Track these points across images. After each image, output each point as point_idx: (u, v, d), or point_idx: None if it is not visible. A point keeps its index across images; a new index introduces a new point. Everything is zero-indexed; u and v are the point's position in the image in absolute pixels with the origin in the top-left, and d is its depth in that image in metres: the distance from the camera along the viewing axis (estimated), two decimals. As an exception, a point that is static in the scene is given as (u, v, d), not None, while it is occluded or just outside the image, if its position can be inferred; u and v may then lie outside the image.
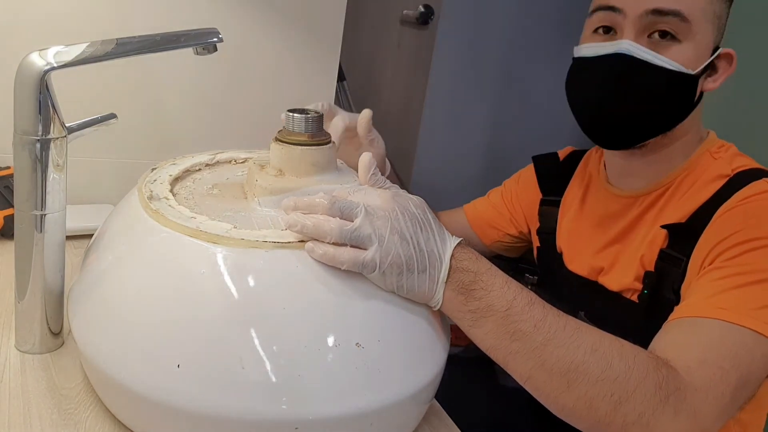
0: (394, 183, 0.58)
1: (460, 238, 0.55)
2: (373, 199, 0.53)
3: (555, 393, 0.53)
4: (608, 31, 0.73)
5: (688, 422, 0.53)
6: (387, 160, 0.89)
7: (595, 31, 0.75)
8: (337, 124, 0.80)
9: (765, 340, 0.59)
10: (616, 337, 0.55)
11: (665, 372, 0.54)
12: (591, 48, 0.74)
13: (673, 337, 0.61)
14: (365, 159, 0.56)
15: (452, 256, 0.53)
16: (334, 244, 0.50)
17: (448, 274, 0.52)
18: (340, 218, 0.51)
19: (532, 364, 0.52)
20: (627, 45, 0.70)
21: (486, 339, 0.53)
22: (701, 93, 0.74)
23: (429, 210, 0.55)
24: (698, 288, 0.65)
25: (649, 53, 0.70)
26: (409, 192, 0.56)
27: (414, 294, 0.52)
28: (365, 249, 0.50)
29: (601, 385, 0.52)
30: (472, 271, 0.53)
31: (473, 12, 2.10)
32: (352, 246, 0.50)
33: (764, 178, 0.70)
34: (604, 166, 0.86)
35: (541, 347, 0.52)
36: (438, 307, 0.54)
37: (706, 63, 0.72)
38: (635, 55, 0.70)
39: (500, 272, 0.54)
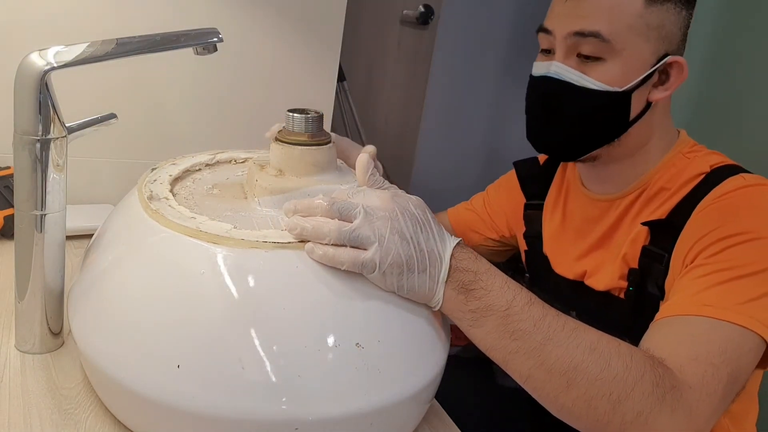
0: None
1: (459, 238, 0.55)
2: (373, 200, 0.53)
3: (554, 392, 0.53)
4: (549, 52, 0.76)
5: (684, 420, 0.54)
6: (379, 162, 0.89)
7: (541, 51, 0.78)
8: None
9: (751, 334, 0.59)
10: (612, 336, 0.55)
11: (661, 371, 0.54)
12: (535, 67, 0.77)
13: (662, 336, 0.61)
14: (363, 160, 0.56)
15: (452, 255, 0.53)
16: (333, 245, 0.50)
17: (449, 273, 0.53)
18: (339, 219, 0.51)
19: (531, 364, 0.53)
20: (555, 67, 0.73)
21: (486, 339, 0.53)
22: (649, 103, 0.74)
23: (428, 210, 0.55)
24: (682, 286, 0.65)
25: (574, 74, 0.72)
26: (408, 192, 0.56)
27: (414, 294, 0.52)
28: (365, 249, 0.50)
29: (600, 385, 0.52)
30: (472, 271, 0.53)
31: (473, 12, 2.11)
32: (351, 247, 0.50)
33: (740, 174, 0.71)
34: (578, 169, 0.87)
35: (541, 346, 0.52)
36: (438, 307, 0.54)
37: (643, 76, 0.72)
38: (560, 77, 0.73)
39: (500, 272, 0.55)
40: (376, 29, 2.00)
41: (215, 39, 0.64)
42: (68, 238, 0.61)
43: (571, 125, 0.75)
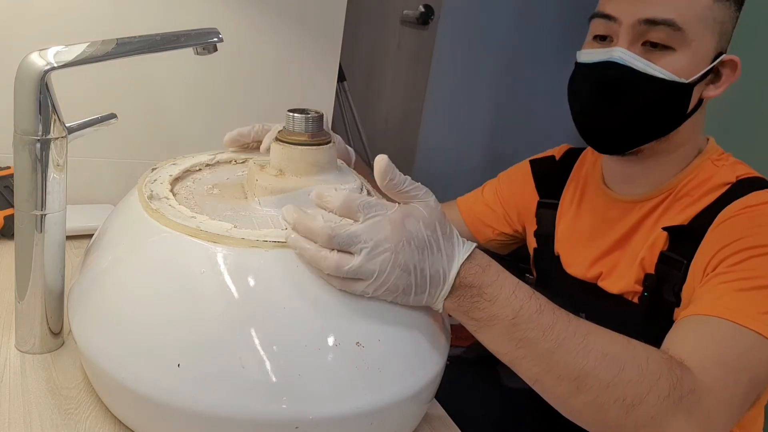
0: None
1: (472, 248, 0.53)
2: (379, 230, 0.49)
3: (564, 396, 0.53)
4: (603, 39, 0.74)
5: (701, 424, 0.53)
6: (347, 147, 0.86)
7: (594, 38, 0.75)
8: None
9: None
10: (628, 338, 0.55)
11: (679, 373, 0.54)
12: (588, 54, 0.75)
13: (684, 334, 0.60)
14: (382, 164, 0.51)
15: (458, 273, 0.51)
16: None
17: (450, 291, 0.52)
18: (339, 251, 0.49)
19: (539, 369, 0.52)
20: (620, 53, 0.71)
21: (491, 344, 0.53)
22: (700, 100, 0.74)
23: (440, 223, 0.52)
24: (706, 291, 0.65)
25: (641, 61, 0.70)
26: None
27: (410, 307, 0.53)
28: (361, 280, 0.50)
29: (612, 390, 0.51)
30: (475, 286, 0.52)
31: (473, 12, 2.11)
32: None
33: (766, 189, 0.70)
34: (602, 168, 0.86)
35: (549, 354, 0.51)
36: (441, 311, 0.54)
37: (705, 70, 0.71)
38: (627, 63, 0.70)
39: (510, 281, 0.53)
40: (376, 29, 2.00)
41: (215, 39, 0.64)
42: (68, 238, 0.61)
43: (631, 114, 0.73)
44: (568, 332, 0.52)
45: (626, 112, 0.73)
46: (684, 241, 0.71)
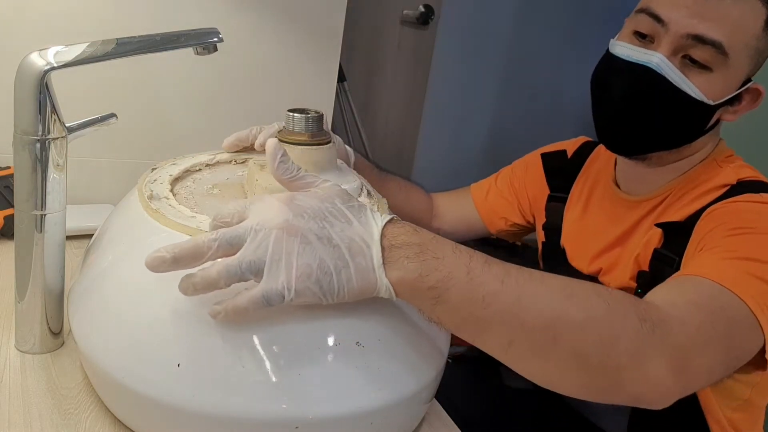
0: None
1: (392, 215, 0.48)
2: (267, 211, 0.45)
3: (541, 352, 0.47)
4: (643, 36, 0.72)
5: (678, 360, 0.50)
6: (347, 147, 0.85)
7: (634, 32, 0.73)
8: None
9: (753, 317, 0.57)
10: (580, 279, 0.51)
11: (644, 305, 0.51)
12: (624, 49, 0.73)
13: (667, 288, 0.59)
14: (271, 146, 0.48)
15: (383, 235, 0.46)
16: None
17: (384, 256, 0.45)
18: (231, 251, 0.45)
19: (509, 328, 0.46)
20: (658, 60, 0.69)
21: (454, 315, 0.47)
22: (718, 119, 0.74)
23: (343, 197, 0.48)
24: (690, 262, 0.65)
25: (677, 75, 0.69)
26: None
27: (353, 292, 0.45)
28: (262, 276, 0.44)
29: (588, 330, 0.47)
30: (414, 243, 0.46)
31: (473, 12, 2.10)
32: (255, 278, 0.44)
33: (762, 193, 0.69)
34: (614, 166, 0.86)
35: (515, 304, 0.46)
36: (393, 296, 0.47)
37: (731, 96, 0.71)
38: (662, 73, 0.69)
39: (446, 240, 0.48)
40: (376, 29, 2.00)
41: (215, 39, 0.64)
42: (68, 238, 0.61)
43: (649, 123, 0.72)
44: (524, 278, 0.47)
45: (645, 120, 0.72)
46: (677, 238, 0.72)
